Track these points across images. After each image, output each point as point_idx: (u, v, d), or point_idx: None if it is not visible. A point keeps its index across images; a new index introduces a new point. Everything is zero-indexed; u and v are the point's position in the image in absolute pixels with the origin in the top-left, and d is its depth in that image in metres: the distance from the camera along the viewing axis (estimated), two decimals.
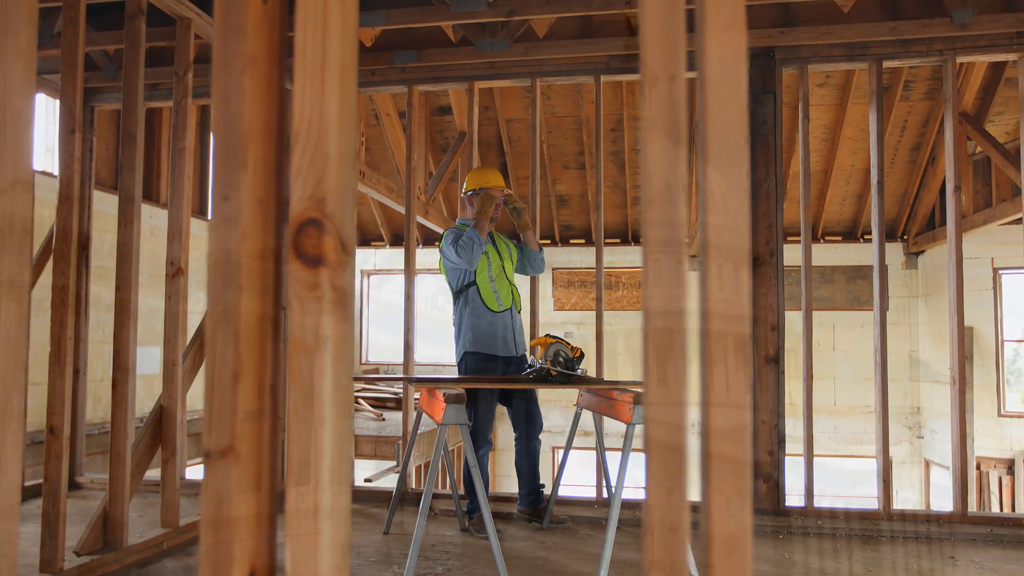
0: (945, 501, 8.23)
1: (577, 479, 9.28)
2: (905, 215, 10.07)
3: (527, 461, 4.15)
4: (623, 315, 10.75)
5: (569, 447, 4.24)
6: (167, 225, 3.69)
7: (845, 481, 10.40)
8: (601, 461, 4.35)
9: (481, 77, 4.84)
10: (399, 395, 8.86)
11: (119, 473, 3.29)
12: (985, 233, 8.81)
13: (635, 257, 10.38)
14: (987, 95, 7.87)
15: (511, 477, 9.01)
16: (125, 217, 3.38)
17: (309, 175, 0.75)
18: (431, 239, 10.78)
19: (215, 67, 0.77)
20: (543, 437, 4.27)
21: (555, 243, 10.84)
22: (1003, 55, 4.32)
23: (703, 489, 0.80)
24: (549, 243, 10.71)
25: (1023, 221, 7.35)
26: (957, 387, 4.11)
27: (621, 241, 10.66)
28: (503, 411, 4.56)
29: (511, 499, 4.38)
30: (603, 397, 3.61)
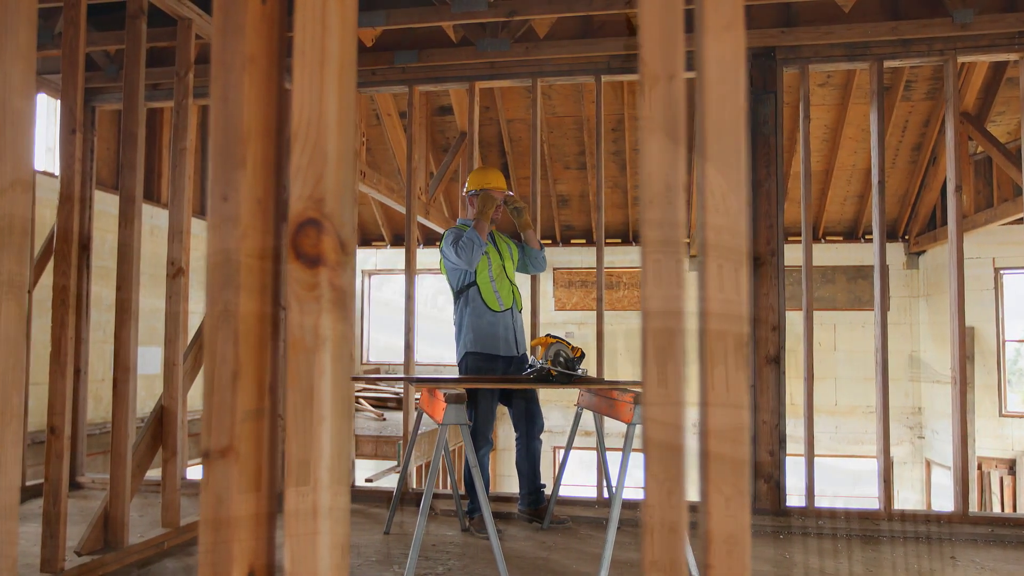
0: (946, 501, 8.23)
1: (578, 479, 9.28)
2: (906, 215, 10.06)
3: (528, 461, 4.15)
4: (624, 315, 10.75)
5: (570, 447, 4.24)
6: (168, 225, 3.69)
7: (846, 481, 10.39)
8: (602, 461, 4.35)
9: (482, 77, 4.84)
10: (400, 395, 8.86)
11: (120, 473, 3.29)
12: (986, 233, 8.80)
13: (636, 257, 10.37)
14: (988, 95, 7.87)
15: (512, 477, 9.01)
16: (126, 217, 3.38)
17: (308, 175, 0.75)
18: (432, 239, 10.78)
19: (214, 67, 0.77)
20: (544, 437, 4.26)
21: (556, 243, 10.84)
22: (1004, 55, 4.32)
23: (702, 489, 0.80)
24: (550, 243, 10.71)
25: None
26: (958, 387, 4.11)
27: (622, 241, 10.66)
28: (504, 411, 4.56)
29: (512, 499, 4.38)
30: (604, 397, 3.61)
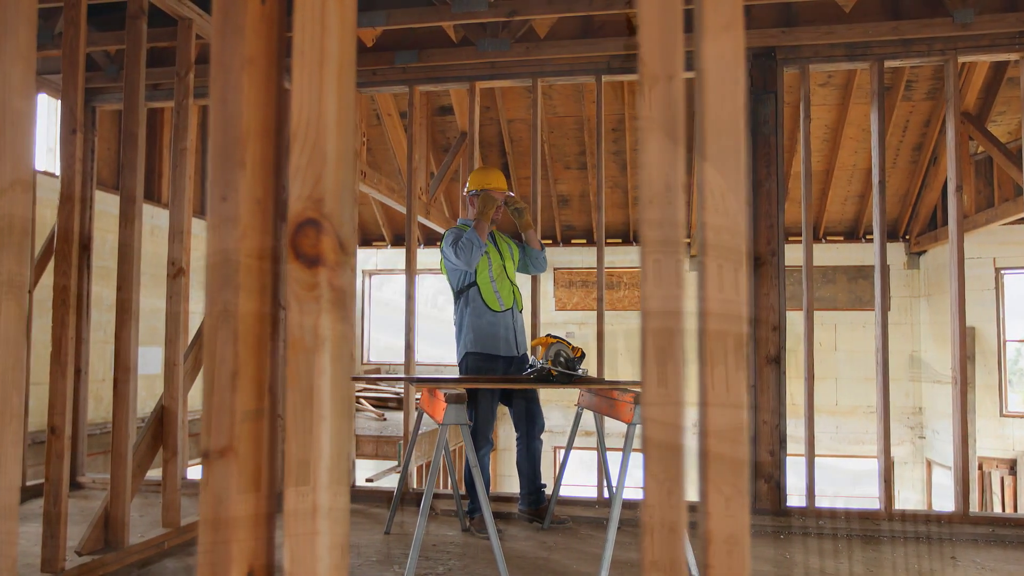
0: (947, 501, 8.22)
1: (578, 479, 9.28)
2: (907, 215, 10.06)
3: (528, 461, 4.15)
4: (624, 315, 10.75)
5: (570, 447, 4.24)
6: (168, 225, 3.69)
7: (846, 481, 10.39)
8: (602, 461, 4.35)
9: (482, 77, 4.84)
10: (400, 395, 8.86)
11: (120, 473, 3.29)
12: (987, 233, 8.80)
13: (636, 257, 10.36)
14: (989, 95, 7.86)
15: (512, 477, 9.01)
16: (126, 217, 3.38)
17: (307, 175, 0.75)
18: (433, 239, 10.78)
19: (213, 67, 0.77)
20: (544, 437, 4.27)
21: (557, 243, 10.83)
22: (1005, 55, 4.32)
23: (702, 489, 0.80)
24: (551, 243, 10.71)
25: None
26: (959, 387, 4.11)
27: (623, 241, 10.66)
28: (505, 411, 4.56)
29: (512, 499, 4.38)
30: (604, 397, 3.61)
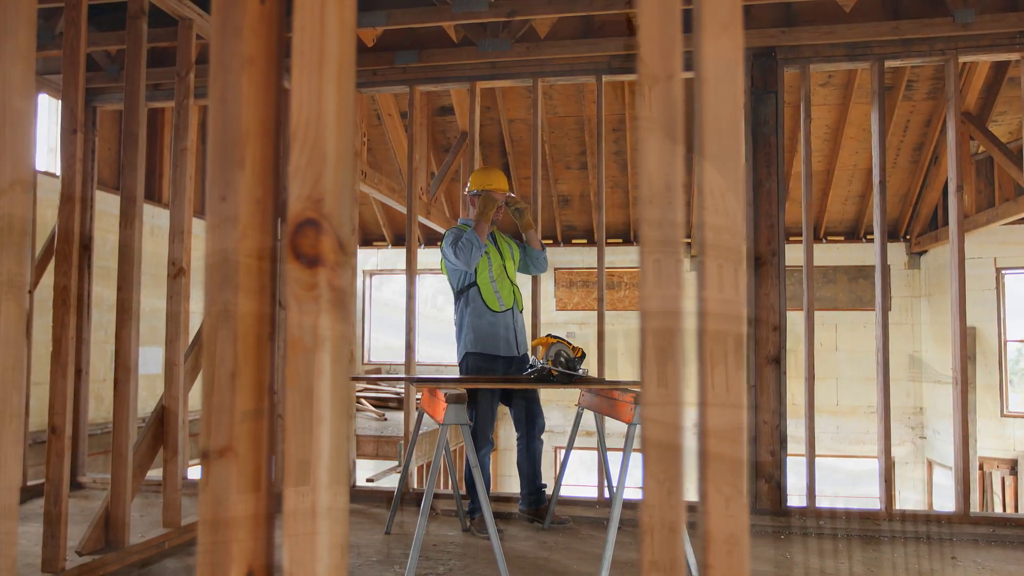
0: (948, 501, 8.21)
1: (579, 479, 9.28)
2: (908, 215, 10.05)
3: (528, 461, 4.15)
4: (625, 315, 10.75)
5: (571, 447, 4.24)
6: (169, 225, 3.70)
7: (847, 481, 10.38)
8: (603, 461, 4.35)
9: (483, 77, 4.84)
10: (401, 395, 8.86)
11: (121, 473, 3.29)
12: (988, 233, 8.79)
13: (637, 257, 10.35)
14: (990, 95, 7.86)
15: (513, 477, 9.00)
16: (127, 217, 3.38)
17: (307, 175, 0.75)
18: (433, 239, 10.78)
19: (212, 67, 0.77)
20: (544, 437, 4.26)
21: (557, 243, 10.83)
22: (1005, 55, 4.31)
23: (701, 489, 0.80)
24: (551, 243, 10.71)
25: None
26: (959, 387, 4.11)
27: (623, 241, 10.66)
28: (505, 411, 4.56)
29: (512, 499, 4.38)
30: (604, 397, 3.61)
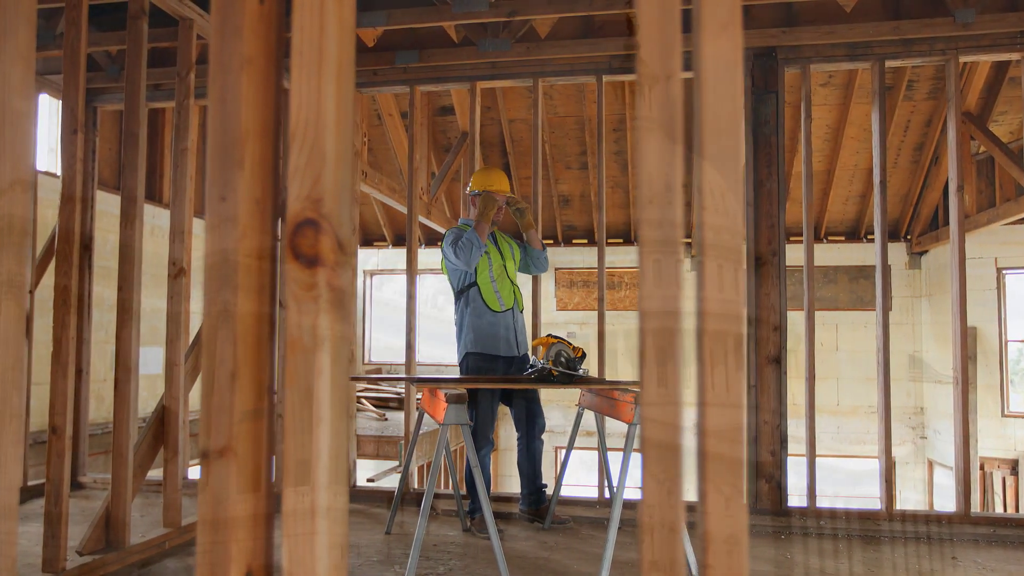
0: (948, 501, 8.20)
1: (579, 479, 9.27)
2: (908, 215, 10.05)
3: (529, 461, 4.15)
4: (625, 315, 10.75)
5: (571, 447, 4.24)
6: (169, 225, 3.70)
7: (848, 481, 10.38)
8: (603, 461, 4.35)
9: (483, 77, 4.84)
10: (401, 395, 8.87)
11: (121, 473, 3.30)
12: (989, 233, 8.78)
13: (637, 257, 10.35)
14: (990, 95, 7.85)
15: (514, 477, 9.00)
16: (127, 217, 3.39)
17: (306, 175, 0.75)
18: (433, 239, 10.79)
19: (212, 67, 0.77)
20: (545, 437, 4.26)
21: (558, 243, 10.83)
22: (1006, 54, 4.31)
23: (701, 489, 0.80)
24: (552, 243, 10.70)
25: None
26: (960, 387, 4.11)
27: (624, 241, 10.66)
28: (505, 411, 4.56)
29: (513, 499, 4.38)
30: (605, 397, 3.61)
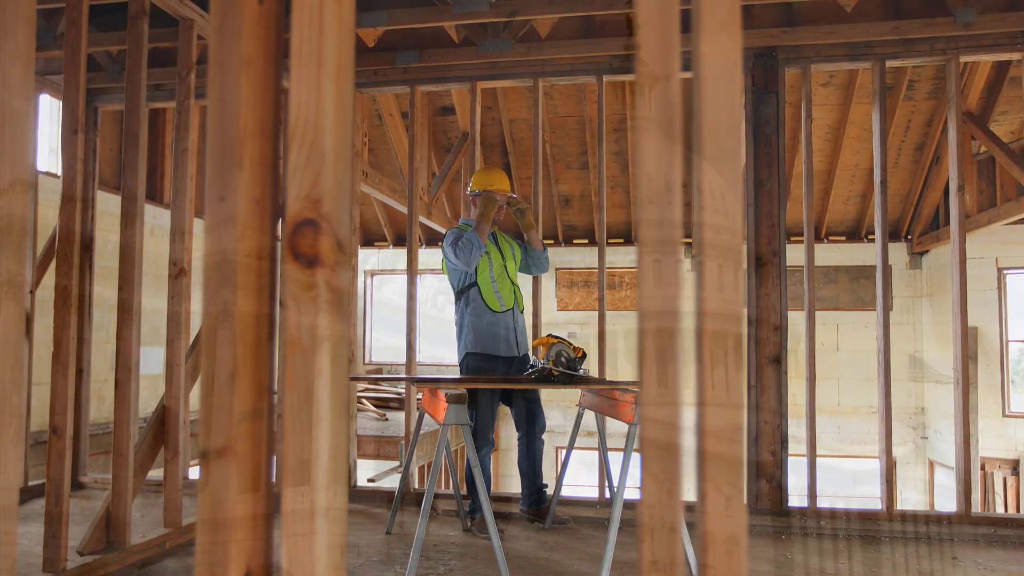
0: (949, 502, 8.20)
1: (579, 479, 9.27)
2: (909, 215, 10.04)
3: (529, 461, 4.15)
4: (626, 315, 10.74)
5: (571, 447, 4.24)
6: (170, 225, 3.70)
7: (848, 481, 10.38)
8: (603, 461, 4.35)
9: (483, 77, 4.84)
10: (402, 395, 8.87)
11: (122, 473, 3.30)
12: (989, 233, 8.78)
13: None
14: (991, 94, 7.85)
15: (514, 477, 9.00)
16: (128, 217, 3.39)
17: (305, 175, 0.75)
18: (434, 239, 10.78)
19: (211, 67, 0.77)
20: (545, 437, 4.26)
21: (558, 243, 10.83)
22: (1007, 54, 4.31)
23: (700, 489, 0.80)
24: (552, 243, 10.70)
25: None
26: (961, 387, 4.10)
27: (624, 241, 10.65)
28: (506, 411, 4.56)
29: (513, 499, 4.38)
30: (605, 397, 3.61)
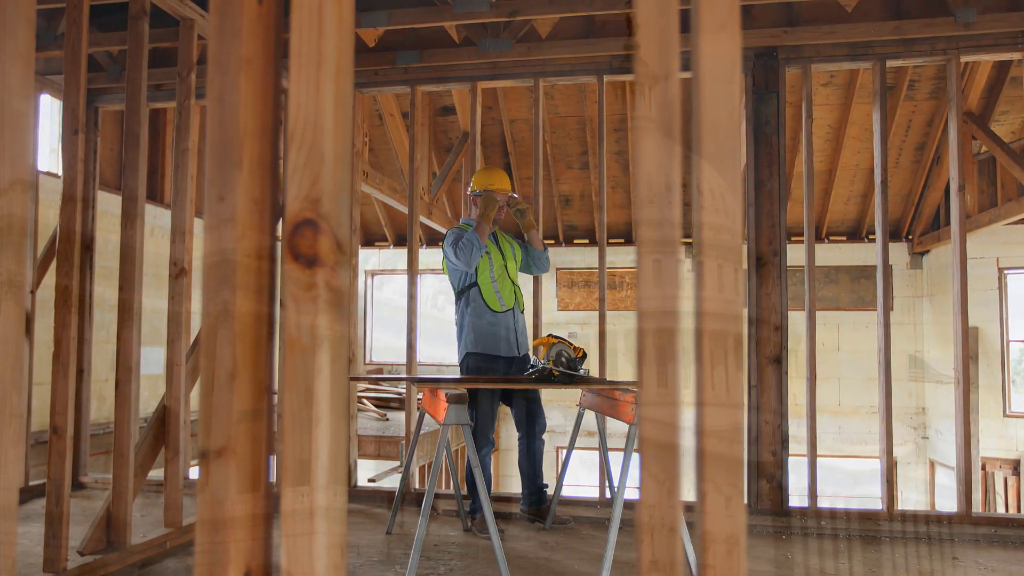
0: (950, 502, 8.20)
1: (580, 479, 9.27)
2: (910, 215, 10.04)
3: (529, 461, 4.15)
4: (626, 315, 10.74)
5: (572, 447, 4.24)
6: (170, 225, 3.70)
7: (849, 481, 10.37)
8: (604, 461, 4.35)
9: (484, 77, 4.84)
10: (403, 395, 8.87)
11: (122, 473, 3.30)
12: (990, 233, 8.77)
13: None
14: (992, 94, 7.84)
15: (514, 477, 9.00)
16: (128, 217, 3.39)
17: (304, 175, 0.75)
18: (435, 239, 10.79)
19: (210, 67, 0.77)
20: (546, 437, 4.26)
21: (559, 243, 10.83)
22: (1007, 54, 4.31)
23: (699, 489, 0.80)
24: (553, 243, 10.70)
25: None
26: (962, 387, 4.10)
27: (625, 241, 10.65)
28: (506, 411, 4.56)
29: (514, 499, 4.38)
30: (605, 397, 3.61)
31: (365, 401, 8.62)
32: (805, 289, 4.38)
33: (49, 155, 6.73)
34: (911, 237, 10.30)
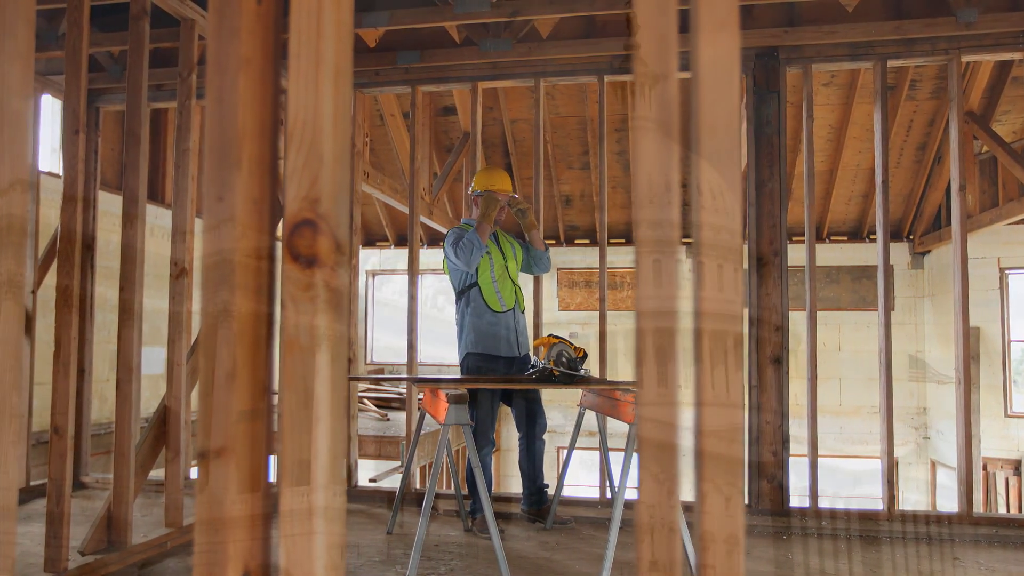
0: (951, 502, 8.20)
1: (580, 479, 9.27)
2: (911, 215, 10.03)
3: (530, 461, 4.15)
4: (627, 315, 10.73)
5: (572, 447, 4.24)
6: (171, 225, 3.70)
7: (849, 482, 10.36)
8: (604, 461, 4.35)
9: (485, 77, 4.84)
10: (403, 395, 8.87)
11: (123, 473, 3.30)
12: (991, 233, 8.77)
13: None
14: (993, 94, 7.84)
15: (515, 477, 9.00)
16: (129, 217, 3.39)
17: (304, 176, 0.75)
18: (435, 239, 10.78)
19: (210, 68, 0.77)
20: (546, 437, 4.26)
21: (560, 243, 10.83)
22: (1009, 54, 4.30)
23: (699, 489, 0.80)
24: (554, 243, 10.70)
25: None
26: (963, 387, 4.10)
27: (625, 241, 10.65)
28: (507, 411, 4.56)
29: (514, 499, 4.38)
30: (606, 397, 3.61)
31: (366, 401, 8.62)
32: (806, 289, 4.38)
33: (50, 155, 6.73)
34: (912, 237, 10.29)
